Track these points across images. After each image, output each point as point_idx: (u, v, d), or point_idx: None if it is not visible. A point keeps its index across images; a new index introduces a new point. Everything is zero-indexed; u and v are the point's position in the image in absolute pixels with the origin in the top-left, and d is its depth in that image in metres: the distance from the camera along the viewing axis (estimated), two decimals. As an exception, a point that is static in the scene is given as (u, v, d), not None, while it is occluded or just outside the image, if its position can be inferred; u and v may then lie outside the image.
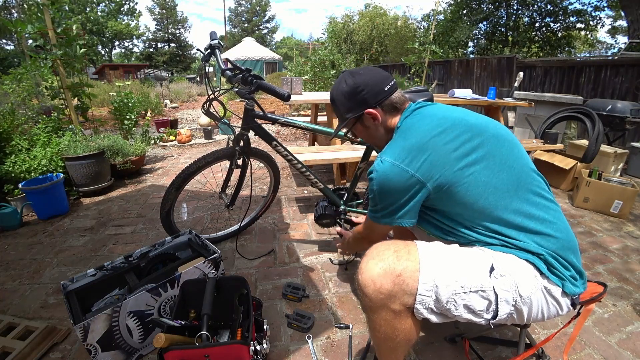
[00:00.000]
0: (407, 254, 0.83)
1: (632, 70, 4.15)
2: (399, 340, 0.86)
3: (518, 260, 0.83)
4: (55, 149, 2.66)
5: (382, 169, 0.88)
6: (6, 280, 1.68)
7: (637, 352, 1.25)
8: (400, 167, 0.85)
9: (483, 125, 0.89)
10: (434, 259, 0.82)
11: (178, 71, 27.61)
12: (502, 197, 0.84)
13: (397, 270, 0.80)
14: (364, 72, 0.99)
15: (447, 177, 0.83)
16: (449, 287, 0.79)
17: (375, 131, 1.02)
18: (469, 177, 0.83)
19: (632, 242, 2.09)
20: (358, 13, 15.07)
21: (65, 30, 3.11)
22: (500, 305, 0.80)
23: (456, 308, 0.80)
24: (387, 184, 0.87)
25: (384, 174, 0.87)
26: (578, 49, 17.95)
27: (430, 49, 6.52)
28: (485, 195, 0.83)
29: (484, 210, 0.85)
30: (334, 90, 1.04)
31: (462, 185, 0.83)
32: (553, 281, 0.82)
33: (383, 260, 0.82)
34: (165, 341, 0.90)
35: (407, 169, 0.85)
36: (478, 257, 0.84)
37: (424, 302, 0.80)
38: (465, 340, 1.20)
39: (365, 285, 0.82)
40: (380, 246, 0.87)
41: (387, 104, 0.98)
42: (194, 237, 1.60)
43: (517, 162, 0.87)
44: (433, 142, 0.85)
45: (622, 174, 3.31)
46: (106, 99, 7.52)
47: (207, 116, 1.60)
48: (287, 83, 2.85)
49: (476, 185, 0.83)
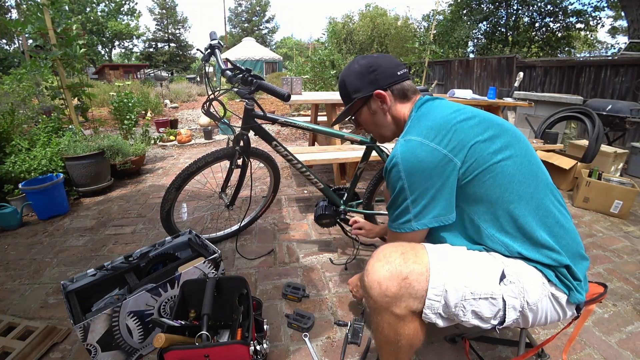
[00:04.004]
0: (414, 257, 0.80)
1: (632, 70, 4.15)
2: (401, 344, 0.85)
3: (527, 266, 0.82)
4: (55, 149, 2.66)
5: (409, 148, 0.79)
6: (6, 280, 1.68)
7: (637, 352, 1.25)
8: (431, 146, 0.78)
9: (499, 120, 0.88)
10: (444, 263, 0.79)
11: (178, 71, 27.60)
12: (526, 192, 0.80)
13: (403, 273, 0.78)
14: (378, 56, 0.97)
15: (479, 160, 0.78)
16: (458, 292, 0.77)
17: (382, 117, 0.97)
18: (498, 164, 0.78)
19: (632, 242, 2.09)
20: (358, 13, 15.08)
21: (65, 30, 3.11)
22: (508, 311, 0.78)
23: (464, 314, 0.78)
24: (417, 165, 0.78)
25: (413, 153, 0.78)
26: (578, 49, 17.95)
27: (430, 48, 6.52)
28: (511, 187, 0.79)
29: (508, 206, 0.80)
30: (345, 71, 1.00)
31: (492, 173, 0.78)
32: (560, 289, 0.81)
33: (390, 262, 0.79)
34: (165, 341, 0.90)
35: (439, 148, 0.78)
36: (489, 263, 0.81)
37: (432, 307, 0.78)
38: (465, 340, 1.20)
39: (370, 287, 0.80)
40: (387, 247, 0.84)
41: (398, 89, 0.94)
42: (194, 237, 1.60)
43: (534, 158, 0.86)
44: (460, 125, 0.81)
45: (622, 174, 3.30)
46: (106, 99, 7.51)
47: (207, 116, 1.60)
48: (287, 83, 2.85)
49: (503, 175, 0.79)
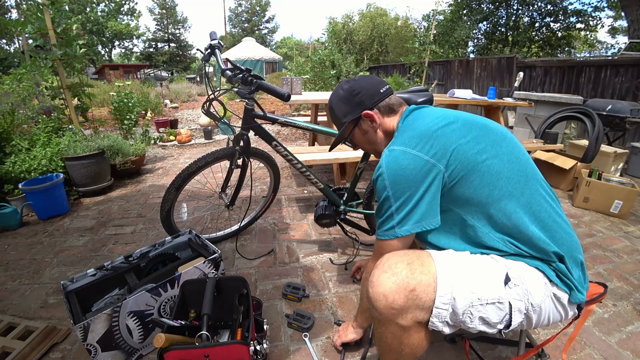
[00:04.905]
0: (421, 267, 0.79)
1: (632, 70, 4.15)
2: (404, 353, 0.85)
3: (528, 267, 0.82)
4: (55, 149, 2.66)
5: (392, 158, 0.83)
6: (6, 280, 1.68)
7: (637, 352, 1.25)
8: (413, 154, 0.81)
9: (482, 120, 0.91)
10: (451, 271, 0.79)
11: (178, 71, 27.60)
12: (515, 188, 0.82)
13: (410, 285, 0.76)
14: (359, 78, 1.03)
15: (463, 162, 0.81)
16: (466, 299, 0.76)
17: (374, 135, 1.02)
18: (483, 163, 0.81)
19: (632, 242, 2.09)
20: (358, 13, 15.09)
21: (65, 30, 3.10)
22: (514, 315, 0.78)
23: (471, 320, 0.78)
24: (400, 173, 0.81)
25: (396, 162, 0.82)
26: (578, 49, 17.94)
27: (430, 48, 6.52)
28: (499, 185, 0.81)
29: (499, 203, 0.81)
30: (331, 97, 1.07)
31: (478, 173, 0.80)
32: (562, 288, 0.82)
33: (396, 274, 0.78)
34: (165, 341, 0.90)
35: (420, 155, 0.81)
36: (492, 267, 0.82)
37: (440, 316, 0.77)
38: (465, 340, 1.20)
39: (376, 300, 0.79)
40: (392, 257, 0.83)
41: (384, 106, 0.99)
42: (194, 237, 1.60)
43: (522, 155, 0.88)
44: (442, 131, 0.84)
45: (622, 174, 3.30)
46: (106, 99, 7.51)
47: (207, 116, 1.60)
48: (287, 83, 2.85)
49: (490, 174, 0.81)
